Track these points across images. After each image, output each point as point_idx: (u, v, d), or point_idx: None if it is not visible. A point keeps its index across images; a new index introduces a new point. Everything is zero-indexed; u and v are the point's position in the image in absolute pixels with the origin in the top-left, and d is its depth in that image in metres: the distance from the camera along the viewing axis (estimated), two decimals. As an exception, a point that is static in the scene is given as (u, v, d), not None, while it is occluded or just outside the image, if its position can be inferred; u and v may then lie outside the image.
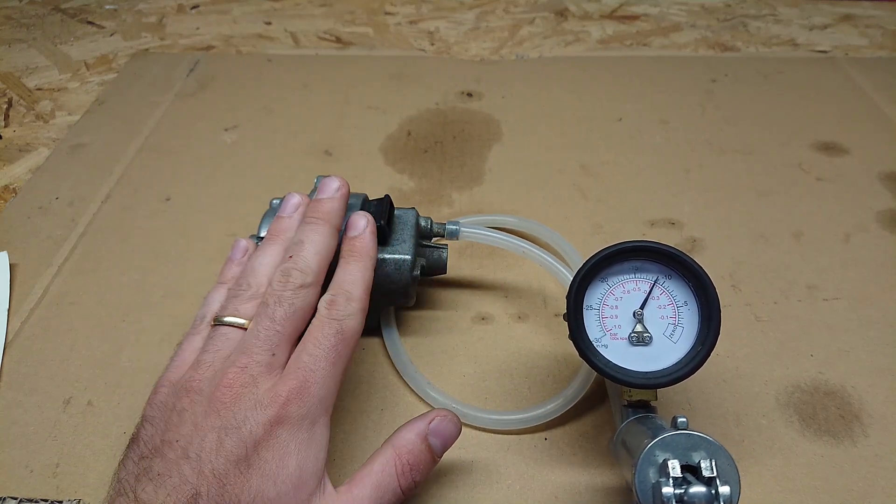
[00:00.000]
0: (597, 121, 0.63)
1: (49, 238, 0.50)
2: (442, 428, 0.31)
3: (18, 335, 0.43)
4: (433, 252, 0.42)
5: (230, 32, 0.79)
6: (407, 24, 0.81)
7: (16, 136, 0.62)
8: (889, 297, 0.46)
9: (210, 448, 0.26)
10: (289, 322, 0.30)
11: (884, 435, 0.37)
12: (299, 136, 0.61)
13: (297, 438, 0.27)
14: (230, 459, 0.26)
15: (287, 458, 0.27)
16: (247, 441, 0.26)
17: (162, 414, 0.28)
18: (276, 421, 0.27)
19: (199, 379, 0.29)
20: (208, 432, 0.26)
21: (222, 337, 0.30)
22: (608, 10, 0.84)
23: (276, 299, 0.30)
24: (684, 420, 0.27)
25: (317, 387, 0.28)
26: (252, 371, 0.28)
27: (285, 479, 0.26)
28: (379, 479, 0.29)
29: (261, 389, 0.28)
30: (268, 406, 0.27)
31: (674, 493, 0.24)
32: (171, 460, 0.26)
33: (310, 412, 0.28)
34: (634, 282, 0.32)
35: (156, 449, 0.27)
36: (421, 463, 0.30)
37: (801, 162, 0.58)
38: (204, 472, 0.26)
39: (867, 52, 0.75)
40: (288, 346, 0.30)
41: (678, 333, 0.31)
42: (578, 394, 0.37)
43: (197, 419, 0.27)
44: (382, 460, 0.30)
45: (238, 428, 0.26)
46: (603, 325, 0.32)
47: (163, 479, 0.26)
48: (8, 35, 0.78)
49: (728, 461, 0.25)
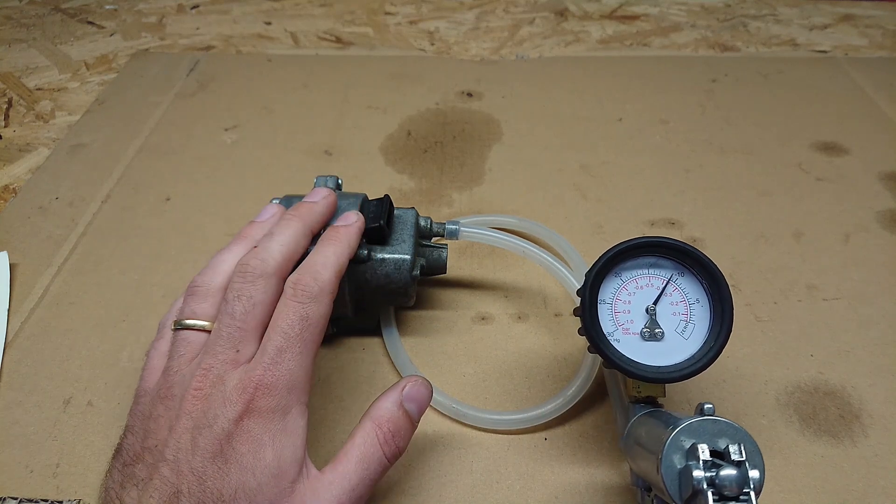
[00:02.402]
0: (597, 121, 0.63)
1: (49, 238, 0.50)
2: (415, 392, 0.31)
3: (18, 335, 0.43)
4: (433, 252, 0.42)
5: (230, 32, 0.79)
6: (407, 24, 0.81)
7: (16, 136, 0.62)
8: (889, 297, 0.46)
9: (185, 448, 0.26)
10: (249, 317, 0.29)
11: (884, 435, 0.37)
12: (299, 136, 0.61)
13: (270, 429, 0.27)
14: (206, 456, 0.26)
15: (262, 450, 0.27)
16: (220, 437, 0.26)
17: (141, 423, 0.29)
18: (246, 414, 0.27)
19: (169, 385, 0.29)
20: (182, 434, 0.27)
21: (183, 342, 0.30)
22: (608, 10, 0.84)
23: (235, 294, 0.30)
24: (711, 406, 0.27)
25: (285, 378, 0.28)
26: (217, 371, 0.28)
27: (264, 469, 0.26)
28: (362, 451, 0.29)
29: (228, 386, 0.28)
30: (236, 402, 0.27)
31: (705, 477, 0.24)
32: (151, 464, 0.27)
33: (280, 403, 0.28)
34: (648, 277, 0.33)
35: (137, 456, 0.28)
36: (401, 429, 0.30)
37: (801, 162, 0.58)
38: (182, 471, 0.26)
39: (867, 52, 0.74)
40: (252, 339, 0.29)
41: (689, 330, 0.32)
42: (578, 394, 0.37)
43: (171, 423, 0.27)
44: (363, 433, 0.29)
45: (210, 426, 0.27)
46: (616, 319, 0.32)
47: (145, 483, 0.26)
48: (8, 35, 0.78)
49: (754, 447, 0.25)
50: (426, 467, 0.36)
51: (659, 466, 0.25)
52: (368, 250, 0.38)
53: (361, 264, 0.38)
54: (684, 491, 0.25)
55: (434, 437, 0.38)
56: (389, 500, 0.35)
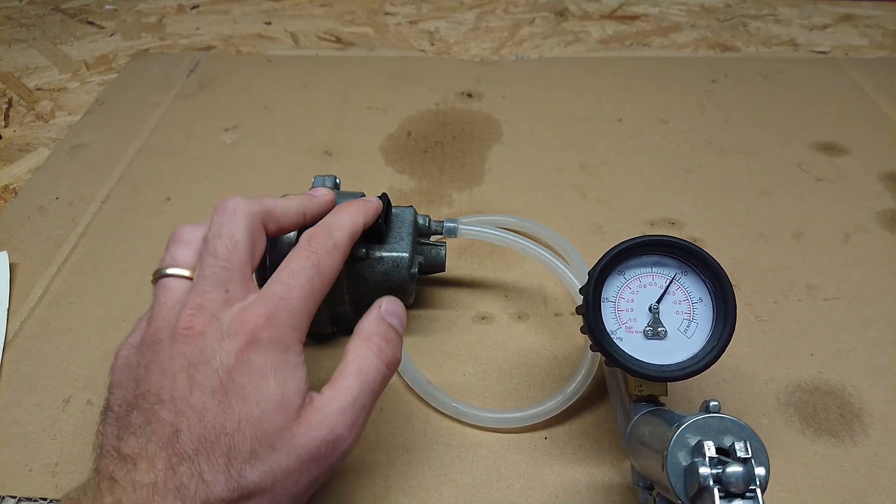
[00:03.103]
0: (597, 121, 0.63)
1: (49, 238, 0.50)
2: (392, 307, 0.31)
3: (18, 335, 0.43)
4: (431, 250, 0.42)
5: (230, 32, 0.79)
6: (407, 24, 0.81)
7: (16, 136, 0.62)
8: (889, 297, 0.46)
9: (182, 387, 0.25)
10: (234, 256, 0.28)
11: (884, 434, 0.37)
12: (299, 136, 0.61)
13: (272, 360, 0.26)
14: (205, 392, 0.25)
15: (265, 380, 0.26)
16: (219, 371, 0.25)
17: (128, 374, 0.27)
18: (247, 347, 0.26)
19: (155, 330, 0.27)
20: (178, 373, 0.26)
21: (163, 289, 0.29)
22: (608, 10, 0.84)
23: (215, 233, 0.29)
24: (717, 403, 0.27)
25: (288, 315, 0.27)
26: (210, 308, 0.27)
27: (268, 398, 0.26)
28: (358, 365, 0.28)
29: (224, 321, 0.26)
30: (235, 334, 0.26)
31: (711, 473, 0.24)
32: (147, 409, 0.25)
33: (282, 336, 0.27)
34: (651, 276, 0.33)
35: (130, 405, 0.26)
36: (391, 339, 0.30)
37: (801, 162, 0.58)
38: (181, 409, 0.25)
39: (867, 52, 0.75)
40: (239, 280, 0.28)
41: (692, 329, 0.32)
42: (578, 392, 0.37)
43: (163, 366, 0.26)
44: (355, 349, 0.29)
45: (207, 361, 0.26)
46: (619, 318, 0.32)
47: (142, 429, 0.25)
48: (8, 35, 0.78)
49: (759, 445, 0.25)
50: (426, 466, 0.36)
51: (664, 464, 0.25)
52: (366, 248, 0.38)
53: (359, 262, 0.38)
54: (690, 488, 0.24)
55: (434, 436, 0.38)
56: (389, 499, 0.35)
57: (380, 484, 0.35)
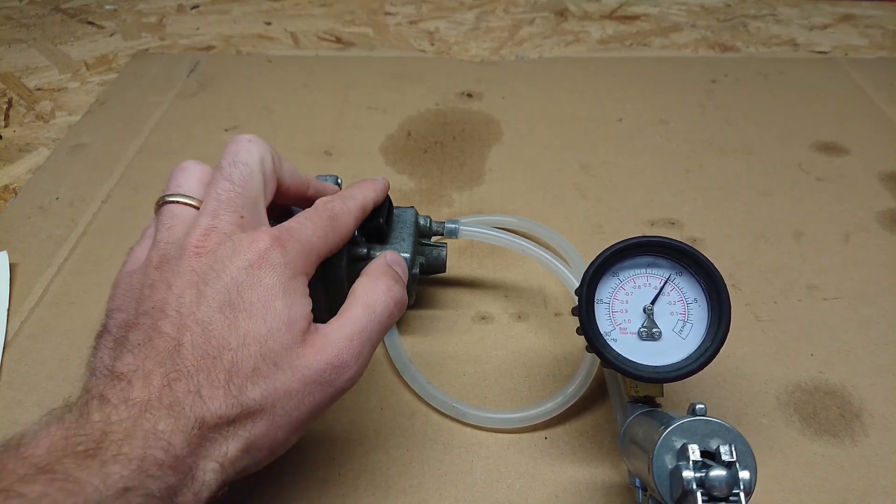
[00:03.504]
0: (597, 121, 0.63)
1: (49, 238, 0.50)
2: (396, 258, 0.33)
3: (18, 335, 0.43)
4: (432, 250, 0.42)
5: (230, 32, 0.79)
6: (407, 24, 0.81)
7: (16, 136, 0.62)
8: (889, 297, 0.46)
9: (190, 301, 0.25)
10: (249, 185, 0.28)
11: (884, 434, 0.37)
12: (299, 136, 0.61)
13: (282, 282, 0.26)
14: (213, 306, 0.24)
15: (273, 299, 0.25)
16: (229, 286, 0.25)
17: (130, 296, 0.26)
18: (258, 264, 0.26)
19: (162, 253, 0.27)
20: (186, 288, 0.25)
21: (169, 213, 0.28)
22: (608, 10, 0.84)
23: (231, 160, 0.28)
24: (703, 406, 0.27)
25: (300, 245, 0.27)
26: (223, 230, 0.26)
27: (275, 316, 0.25)
28: (367, 298, 0.28)
29: (237, 241, 0.26)
30: (248, 251, 0.26)
31: (694, 477, 0.24)
32: (148, 325, 0.25)
33: (293, 261, 0.27)
34: (645, 277, 0.32)
35: (130, 325, 0.25)
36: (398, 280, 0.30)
37: (801, 162, 0.58)
38: (186, 323, 0.24)
39: (867, 52, 0.75)
40: (255, 211, 0.28)
41: (687, 329, 0.32)
42: (578, 392, 0.37)
43: (171, 281, 0.25)
44: (363, 285, 0.29)
45: (218, 275, 0.25)
46: (613, 319, 0.32)
47: (141, 346, 0.24)
48: (8, 35, 0.78)
49: (746, 448, 0.25)
50: (427, 466, 0.36)
51: (650, 466, 0.25)
52: (367, 248, 0.38)
53: (361, 262, 0.38)
54: (675, 491, 0.25)
55: (434, 436, 0.38)
56: (390, 499, 0.35)
57: (380, 484, 0.35)
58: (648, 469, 0.26)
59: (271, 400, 0.24)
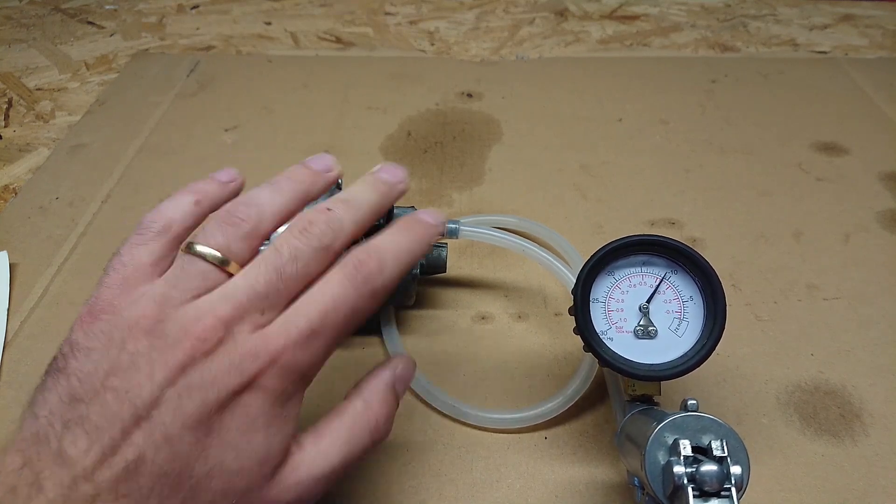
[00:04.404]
0: (597, 121, 0.63)
1: (49, 238, 0.50)
2: (405, 374, 0.29)
3: (18, 335, 0.43)
4: (433, 251, 0.42)
5: (230, 32, 0.79)
6: (407, 24, 0.81)
7: (16, 136, 0.62)
8: (889, 297, 0.46)
9: (168, 407, 0.22)
10: (293, 283, 0.25)
11: (884, 434, 0.37)
12: (299, 136, 0.61)
13: (267, 412, 0.23)
14: (187, 423, 0.22)
15: (253, 431, 0.23)
16: (210, 404, 0.22)
17: (104, 348, 0.23)
18: (247, 388, 0.23)
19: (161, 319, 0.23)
20: (167, 388, 0.22)
21: (196, 273, 0.24)
22: (608, 10, 0.84)
23: (293, 254, 0.25)
24: (695, 402, 0.27)
25: (305, 364, 0.24)
26: (235, 328, 0.23)
27: (250, 452, 0.23)
28: (350, 433, 0.26)
29: (238, 349, 0.23)
30: (242, 371, 0.23)
31: (685, 472, 0.24)
32: (115, 413, 0.21)
33: (287, 389, 0.24)
34: (641, 275, 0.32)
35: (95, 392, 0.22)
36: (391, 414, 0.27)
37: (801, 162, 0.58)
38: (154, 434, 0.21)
39: (867, 52, 0.75)
40: (282, 308, 0.25)
41: (683, 328, 0.32)
42: (578, 392, 0.37)
43: (154, 370, 0.22)
44: (353, 414, 0.26)
45: (204, 389, 0.22)
46: (609, 318, 0.32)
47: (101, 433, 0.21)
48: (8, 35, 0.78)
49: (738, 443, 0.25)
50: (426, 466, 0.36)
51: (643, 462, 0.25)
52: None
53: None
54: (667, 487, 0.25)
55: (434, 436, 0.38)
56: (389, 499, 0.35)
57: (380, 484, 0.35)
58: (641, 465, 0.26)
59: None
